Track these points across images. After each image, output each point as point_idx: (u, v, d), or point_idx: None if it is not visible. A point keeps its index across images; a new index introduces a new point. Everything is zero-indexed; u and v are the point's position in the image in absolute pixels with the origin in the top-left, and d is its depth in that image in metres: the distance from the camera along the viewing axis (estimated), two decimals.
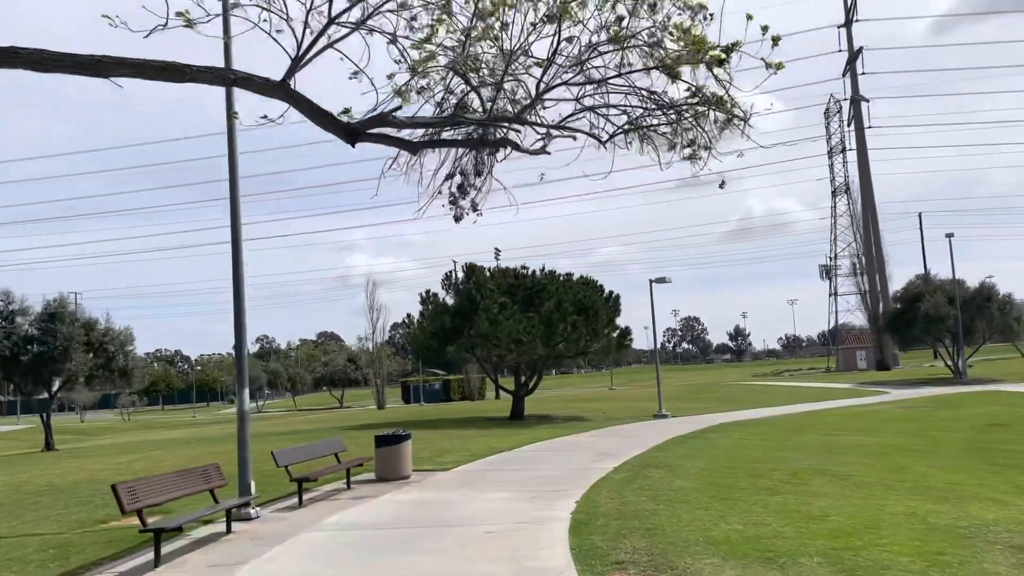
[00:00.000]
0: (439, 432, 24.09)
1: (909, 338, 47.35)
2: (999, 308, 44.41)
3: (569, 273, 27.84)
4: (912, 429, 21.48)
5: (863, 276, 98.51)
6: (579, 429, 23.70)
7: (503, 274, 27.99)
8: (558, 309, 26.09)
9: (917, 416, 25.46)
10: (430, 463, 16.19)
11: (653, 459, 15.22)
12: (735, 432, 20.73)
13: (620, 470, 13.82)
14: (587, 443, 19.37)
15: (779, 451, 16.26)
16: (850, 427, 22.15)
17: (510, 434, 22.58)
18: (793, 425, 22.82)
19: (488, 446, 19.17)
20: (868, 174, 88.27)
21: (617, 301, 28.00)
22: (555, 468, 14.72)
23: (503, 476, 13.96)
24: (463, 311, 27.53)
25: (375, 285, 61.76)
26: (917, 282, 47.78)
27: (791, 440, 18.56)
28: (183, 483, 9.67)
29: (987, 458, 16.15)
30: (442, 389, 72.60)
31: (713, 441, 18.47)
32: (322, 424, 34.02)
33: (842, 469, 13.48)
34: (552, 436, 21.39)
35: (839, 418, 25.27)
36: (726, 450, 16.57)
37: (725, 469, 13.62)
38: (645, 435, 21.13)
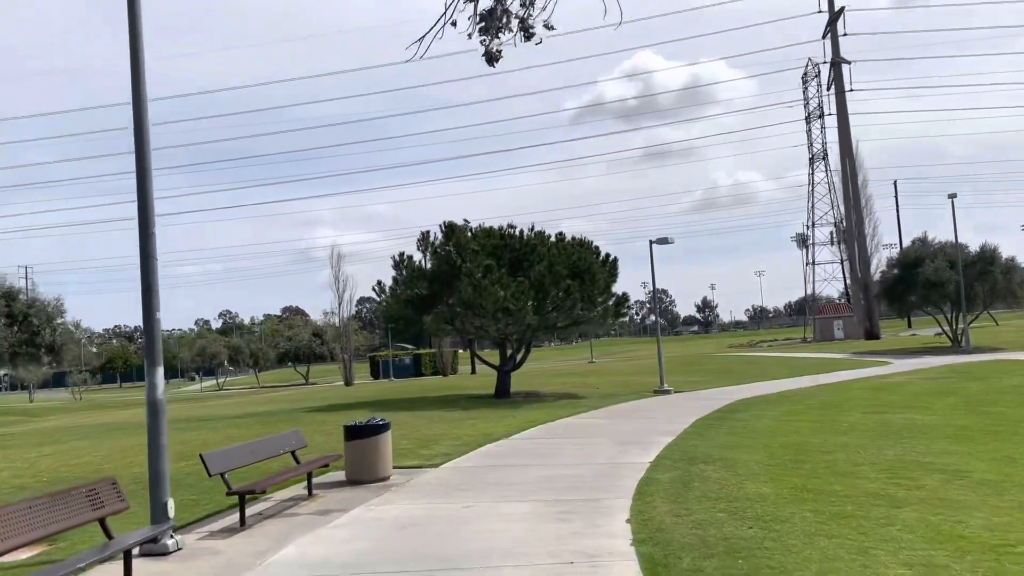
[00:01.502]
0: (418, 414, 20.94)
1: (907, 305, 45.11)
2: (1003, 273, 42.25)
3: (561, 233, 24.70)
4: (959, 404, 18.80)
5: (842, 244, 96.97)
6: (577, 408, 20.71)
7: (487, 234, 24.73)
8: (550, 273, 22.94)
9: (951, 388, 22.86)
10: (414, 456, 13.06)
11: (692, 449, 12.25)
12: (764, 411, 17.86)
13: (661, 466, 10.81)
14: (596, 427, 16.36)
15: (837, 435, 13.39)
16: (887, 403, 19.41)
17: (501, 416, 19.50)
18: (823, 402, 20.04)
19: (480, 432, 16.08)
20: (849, 139, 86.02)
21: (615, 265, 24.93)
22: (573, 462, 11.66)
23: (511, 476, 10.86)
24: (442, 276, 24.27)
25: (340, 255, 58.06)
26: (916, 246, 45.43)
27: (838, 421, 15.72)
28: (57, 511, 6.41)
29: None
30: (413, 364, 69.43)
31: (748, 424, 15.55)
32: (284, 403, 30.68)
33: (942, 461, 10.62)
34: (550, 418, 18.35)
35: (865, 391, 22.58)
36: (773, 435, 13.66)
37: (794, 463, 10.68)
38: (658, 415, 18.19)
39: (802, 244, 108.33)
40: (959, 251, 42.61)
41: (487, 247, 24.08)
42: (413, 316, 25.45)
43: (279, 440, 10.55)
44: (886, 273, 47.44)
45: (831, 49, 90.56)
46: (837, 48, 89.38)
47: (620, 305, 25.07)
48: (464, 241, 24.23)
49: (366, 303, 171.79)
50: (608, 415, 18.89)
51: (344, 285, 58.37)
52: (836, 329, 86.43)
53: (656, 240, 25.81)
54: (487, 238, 24.54)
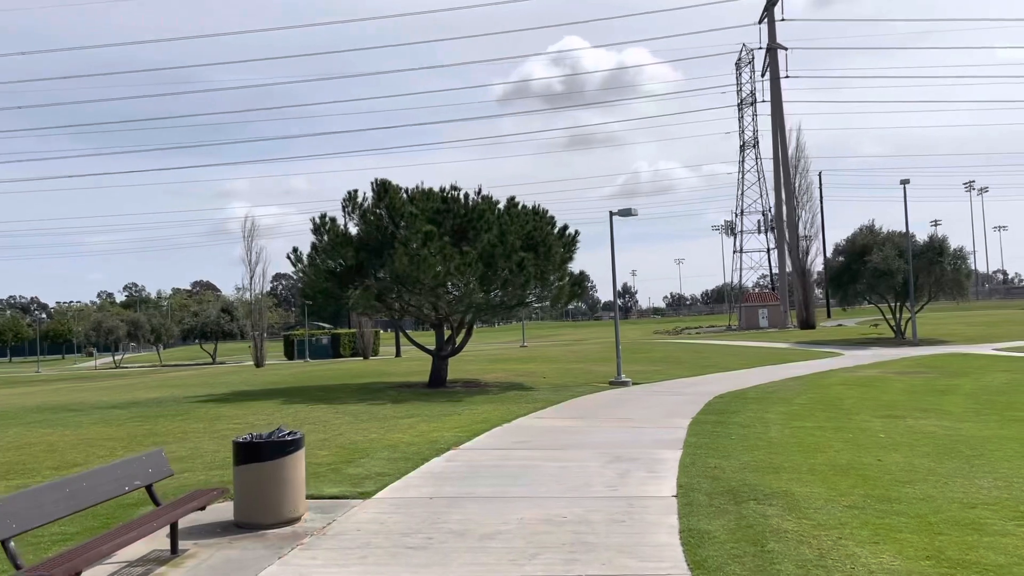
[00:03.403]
0: (340, 409, 17.26)
1: (852, 294, 43.56)
2: (951, 263, 41.01)
3: (513, 198, 21.23)
4: (971, 405, 16.34)
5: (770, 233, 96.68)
6: (532, 403, 17.43)
7: (426, 196, 21.07)
8: (501, 243, 19.49)
9: (941, 386, 20.55)
10: (336, 478, 9.50)
11: (717, 473, 9.08)
12: (760, 412, 14.93)
13: (696, 506, 7.58)
14: (568, 432, 13.07)
15: (883, 451, 10.47)
16: (889, 403, 16.82)
17: (443, 412, 16.03)
18: (815, 400, 17.30)
19: (422, 438, 12.59)
20: (783, 125, 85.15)
21: (574, 239, 21.65)
22: (562, 492, 8.32)
23: (481, 518, 7.45)
24: (372, 244, 20.55)
25: (254, 225, 53.13)
26: (863, 234, 43.87)
27: (860, 429, 12.89)
28: None
29: None
30: (331, 344, 65.04)
31: (756, 431, 12.53)
32: (179, 387, 26.37)
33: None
34: (505, 417, 15.00)
35: (849, 388, 20.04)
36: (805, 451, 10.63)
37: (877, 502, 7.62)
38: (635, 415, 15.06)
39: (730, 232, 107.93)
40: (908, 240, 41.18)
41: (426, 211, 20.45)
42: (335, 290, 21.63)
43: (126, 469, 6.76)
44: (831, 261, 45.82)
45: (767, 35, 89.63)
46: (773, 34, 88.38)
47: (577, 285, 21.84)
48: (399, 203, 20.54)
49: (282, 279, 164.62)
50: (574, 413, 15.65)
51: (257, 258, 53.55)
52: (761, 318, 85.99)
53: (618, 212, 22.66)
54: (426, 201, 20.89)
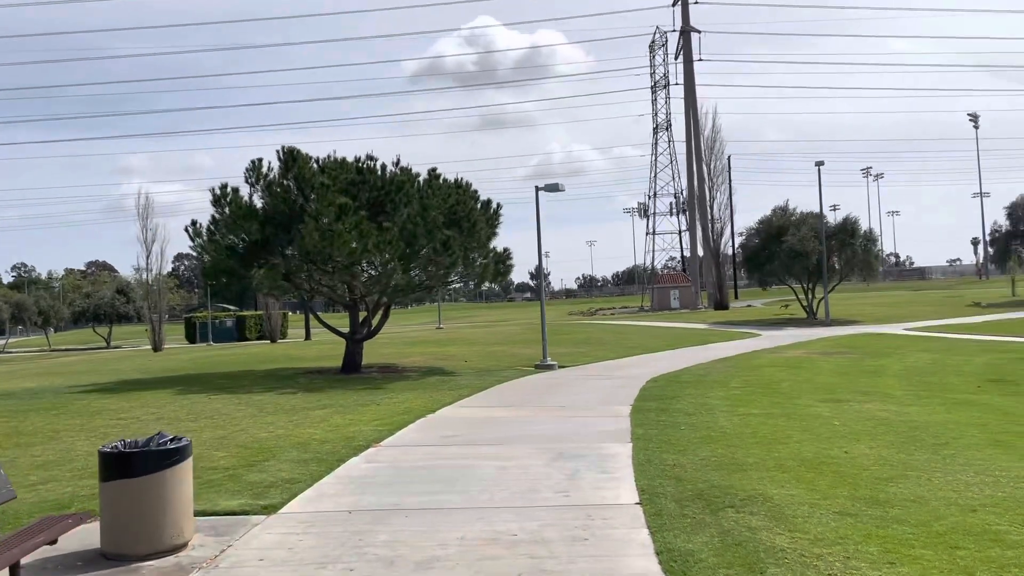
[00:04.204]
0: (243, 399, 15.57)
1: (768, 275, 43.90)
2: (862, 244, 41.74)
3: (434, 169, 19.74)
4: (911, 387, 15.99)
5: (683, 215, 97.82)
6: (456, 390, 16.15)
7: (339, 167, 19.37)
8: (423, 218, 18.03)
9: (869, 367, 20.34)
10: (235, 487, 8.01)
11: (678, 472, 8.04)
12: (702, 399, 14.07)
13: (667, 516, 6.49)
14: (501, 424, 11.86)
15: (845, 442, 9.68)
16: (826, 386, 16.32)
17: (360, 402, 14.58)
18: (751, 383, 16.64)
19: (337, 433, 11.15)
20: (695, 108, 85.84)
21: (497, 213, 20.37)
22: (506, 498, 7.08)
23: (413, 538, 6.15)
24: (279, 218, 18.76)
25: (149, 200, 49.41)
26: (777, 215, 44.21)
27: (808, 415, 12.16)
28: None
29: None
30: (236, 327, 61.96)
31: (704, 420, 11.61)
32: (63, 375, 23.85)
33: None
34: (429, 407, 13.67)
35: (780, 370, 19.56)
36: (763, 443, 9.74)
37: (866, 504, 6.71)
38: (569, 402, 13.99)
39: (643, 214, 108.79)
40: (822, 221, 41.69)
41: (340, 183, 18.78)
42: (238, 269, 19.74)
43: None
44: (747, 242, 46.10)
45: (681, 17, 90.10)
46: (687, 16, 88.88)
47: (502, 262, 20.59)
48: (309, 174, 18.79)
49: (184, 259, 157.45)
50: (504, 401, 14.45)
51: (154, 236, 49.98)
52: (673, 299, 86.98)
53: (544, 187, 21.50)
54: (339, 171, 19.20)
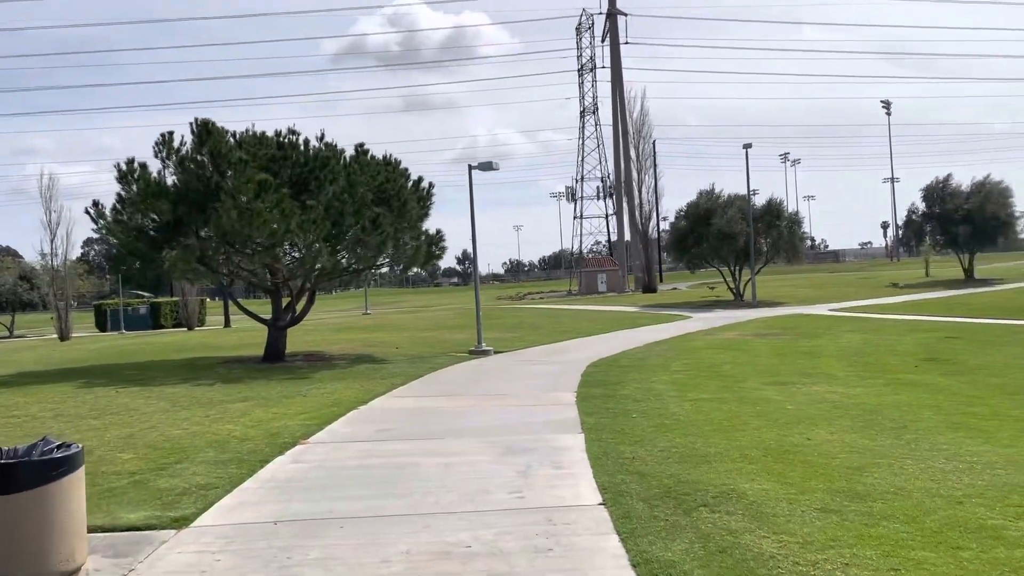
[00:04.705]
0: (154, 392, 14.31)
1: (697, 258, 44.16)
2: (788, 226, 42.33)
3: (361, 144, 18.61)
4: (853, 369, 15.85)
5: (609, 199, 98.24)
6: (389, 378, 15.26)
7: (259, 142, 18.09)
8: (351, 196, 16.96)
9: (804, 348, 20.30)
10: (140, 496, 7.00)
11: (637, 466, 7.42)
12: (646, 383, 13.55)
13: (636, 520, 5.83)
14: (441, 415, 11.06)
15: (802, 426, 9.25)
16: (767, 368, 16.06)
17: (284, 393, 13.54)
18: (692, 365, 16.26)
19: (260, 428, 10.16)
20: (622, 91, 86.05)
21: (430, 192, 19.42)
22: (453, 503, 6.31)
23: (354, 555, 5.33)
24: (193, 195, 17.39)
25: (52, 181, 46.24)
26: (704, 198, 44.44)
27: (757, 399, 11.75)
28: None
29: None
30: (150, 314, 59.16)
31: (653, 407, 11.06)
32: None
33: None
34: (361, 398, 12.75)
35: (719, 352, 19.29)
36: (719, 430, 9.21)
37: (846, 498, 6.21)
38: (508, 389, 13.28)
39: (570, 198, 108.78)
40: (749, 203, 42.08)
41: (259, 158, 17.53)
42: (148, 251, 18.27)
43: None
44: (675, 225, 46.25)
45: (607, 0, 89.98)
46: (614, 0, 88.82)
47: (434, 245, 19.68)
48: (225, 148, 17.46)
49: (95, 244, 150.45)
50: (441, 390, 13.63)
51: (59, 219, 46.97)
52: (600, 283, 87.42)
53: (478, 165, 20.63)
54: (258, 146, 17.94)
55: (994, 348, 20.76)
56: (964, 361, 17.40)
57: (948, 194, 53.78)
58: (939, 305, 37.78)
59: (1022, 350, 20.37)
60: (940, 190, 54.72)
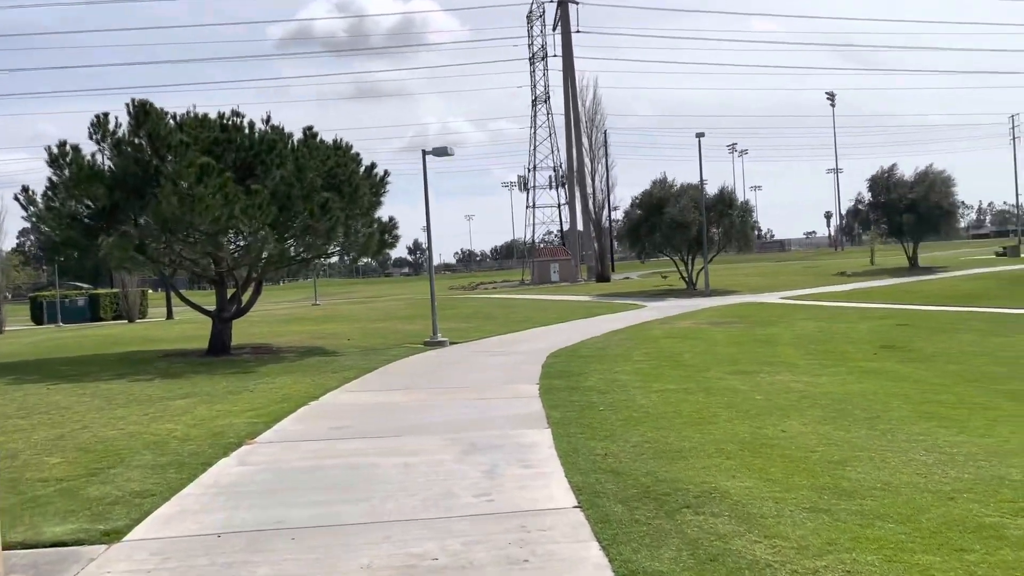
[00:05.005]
0: (89, 387, 13.45)
1: (650, 247, 44.15)
2: (739, 215, 42.55)
3: (310, 127, 17.83)
4: (805, 356, 15.74)
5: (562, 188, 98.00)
6: (341, 371, 14.63)
7: (201, 123, 17.20)
8: (299, 181, 16.22)
9: (760, 336, 20.22)
10: (68, 506, 6.34)
11: (611, 464, 7.02)
12: (609, 374, 13.19)
13: (612, 518, 5.41)
14: (397, 408, 10.51)
15: (774, 417, 8.96)
16: (727, 357, 15.87)
17: (230, 389, 12.83)
18: (653, 355, 15.98)
19: (202, 426, 9.49)
20: (573, 80, 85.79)
21: (383, 180, 18.74)
22: (416, 509, 5.80)
23: (307, 571, 4.79)
24: (131, 180, 16.47)
25: None
26: (657, 187, 44.41)
27: (724, 389, 11.47)
28: None
29: None
30: (88, 306, 57.00)
31: (620, 399, 10.69)
32: None
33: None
34: (311, 392, 12.12)
35: (677, 341, 19.07)
36: (690, 422, 8.86)
37: (829, 494, 5.88)
38: (467, 381, 12.80)
39: (522, 187, 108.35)
40: (702, 192, 42.17)
41: (201, 141, 16.66)
42: (82, 240, 17.27)
43: None
44: (629, 214, 46.17)
45: None
46: None
47: (388, 233, 19.01)
48: (165, 131, 16.55)
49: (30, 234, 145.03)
50: (396, 383, 13.06)
51: None
52: (553, 272, 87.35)
53: (432, 151, 20.01)
54: (201, 128, 17.06)
55: (946, 335, 21.00)
56: (920, 348, 17.49)
57: (893, 184, 54.72)
58: (887, 293, 38.41)
59: (973, 337, 20.63)
60: (886, 180, 55.66)
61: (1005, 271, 47.72)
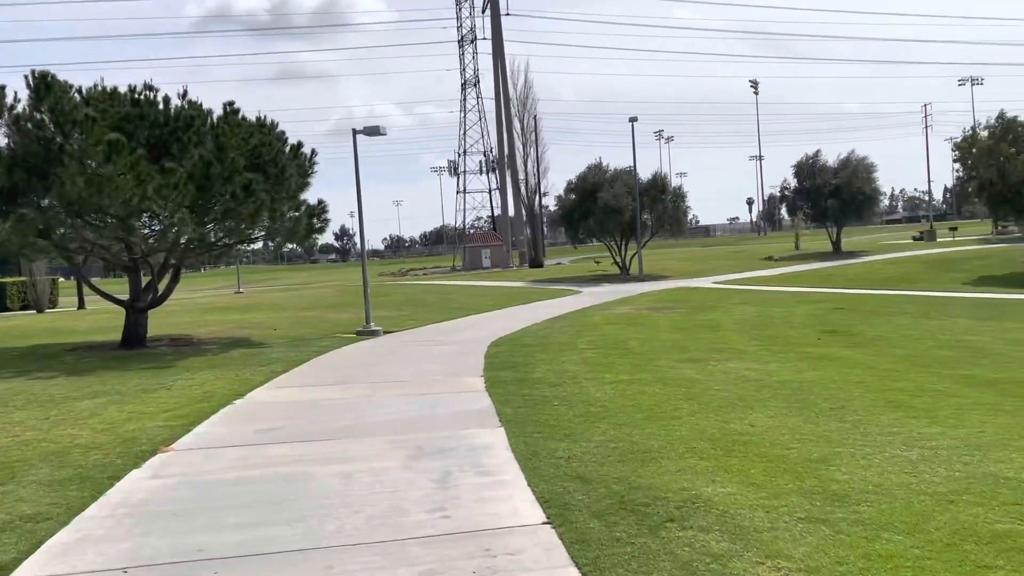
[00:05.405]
0: None
1: (585, 232, 43.84)
2: (672, 200, 42.57)
3: (231, 102, 16.56)
4: (752, 343, 15.46)
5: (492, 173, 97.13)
6: (268, 365, 13.61)
7: (110, 98, 15.78)
8: (219, 160, 15.02)
9: (703, 322, 19.97)
10: None
11: (576, 466, 6.38)
12: (556, 364, 12.56)
13: (590, 537, 4.75)
14: (332, 406, 9.63)
15: (738, 410, 8.47)
16: (675, 344, 15.46)
17: (143, 385, 11.70)
18: (597, 343, 15.43)
19: (111, 431, 8.44)
20: (503, 63, 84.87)
21: (311, 160, 17.62)
22: (369, 531, 5.00)
23: None
24: (32, 159, 14.97)
25: None
26: (592, 172, 44.07)
27: (679, 379, 10.97)
28: None
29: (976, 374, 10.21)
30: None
31: (573, 391, 10.06)
32: None
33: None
34: (237, 389, 11.12)
35: (620, 328, 18.62)
36: (658, 417, 8.28)
37: (834, 498, 5.37)
38: (407, 374, 11.98)
39: (452, 172, 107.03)
40: (636, 177, 42.01)
41: (111, 117, 15.27)
42: None
43: None
44: (563, 199, 45.75)
45: None
46: None
47: (316, 217, 17.92)
48: (70, 106, 15.07)
49: None
50: (330, 378, 12.13)
51: None
52: (484, 258, 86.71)
53: (363, 130, 18.96)
54: (110, 103, 15.65)
55: (882, 318, 21.15)
56: (861, 332, 17.45)
57: (818, 169, 55.80)
58: (815, 277, 39.03)
59: (907, 320, 20.84)
60: (810, 166, 56.72)
61: (924, 255, 49.20)
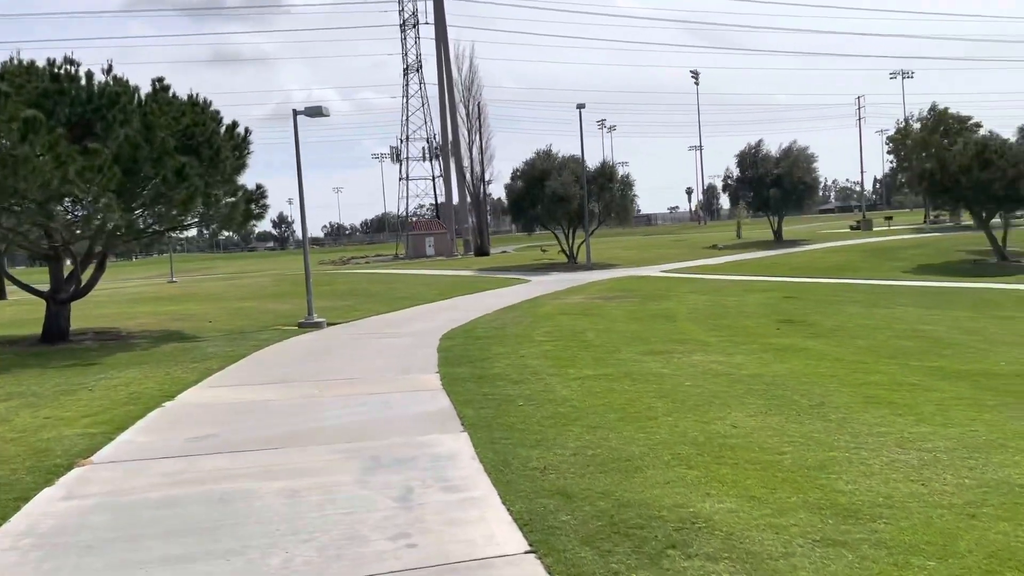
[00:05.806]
0: None
1: (532, 220, 43.22)
2: (620, 189, 42.27)
3: (161, 79, 15.36)
4: (711, 334, 15.06)
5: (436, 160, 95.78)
6: (203, 361, 12.63)
7: (27, 72, 14.46)
8: (147, 141, 13.87)
9: (658, 311, 19.56)
10: None
11: (554, 479, 5.74)
12: (516, 358, 11.88)
13: (584, 572, 4.07)
14: (274, 408, 8.77)
15: (716, 408, 7.94)
16: (637, 335, 14.97)
17: (62, 385, 10.64)
18: (554, 334, 14.82)
19: (21, 442, 7.49)
20: (447, 48, 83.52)
21: (247, 140, 16.53)
22: (321, 566, 4.28)
23: None
24: None
25: None
26: (540, 159, 43.46)
27: (641, 370, 10.43)
28: None
29: None
30: None
31: (537, 389, 9.41)
32: None
33: None
34: (168, 388, 10.17)
35: (577, 319, 18.05)
36: (633, 418, 7.69)
37: (843, 513, 4.84)
38: (353, 370, 11.19)
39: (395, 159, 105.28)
40: (584, 165, 41.57)
41: (27, 92, 13.97)
42: None
43: None
44: (511, 187, 45.06)
45: None
46: None
47: (254, 202, 16.86)
48: None
49: None
50: (270, 376, 11.23)
51: None
52: (428, 246, 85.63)
53: (304, 110, 17.93)
54: (26, 77, 14.33)
55: (833, 307, 21.08)
56: (818, 322, 17.24)
57: (760, 159, 56.25)
58: (760, 265, 39.21)
59: (858, 309, 20.80)
60: (753, 155, 57.14)
61: (863, 243, 50.04)
